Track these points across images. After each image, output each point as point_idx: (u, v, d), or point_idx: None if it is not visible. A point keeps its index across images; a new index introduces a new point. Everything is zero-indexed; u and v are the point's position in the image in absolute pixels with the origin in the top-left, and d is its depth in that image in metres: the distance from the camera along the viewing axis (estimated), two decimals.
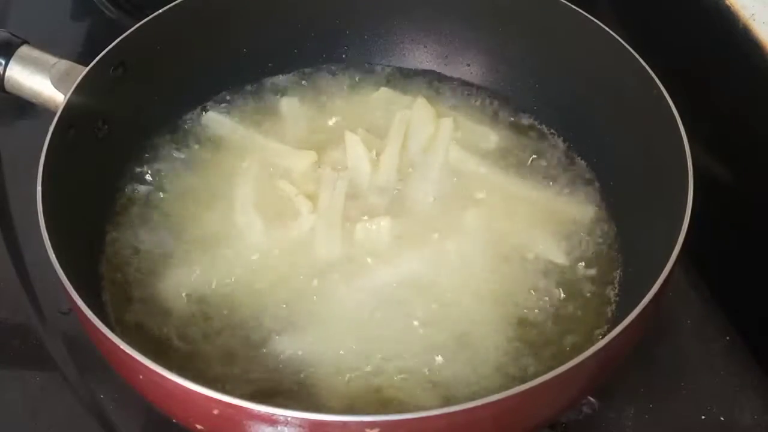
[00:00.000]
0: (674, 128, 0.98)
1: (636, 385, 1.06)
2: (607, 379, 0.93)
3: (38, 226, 0.91)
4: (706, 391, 1.06)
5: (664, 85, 1.02)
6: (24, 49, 1.09)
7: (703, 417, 1.04)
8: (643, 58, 1.05)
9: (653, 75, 1.03)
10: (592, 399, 1.03)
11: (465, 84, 1.25)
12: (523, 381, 0.80)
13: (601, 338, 0.86)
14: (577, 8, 1.12)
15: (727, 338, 1.10)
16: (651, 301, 0.86)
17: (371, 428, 0.78)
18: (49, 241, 0.90)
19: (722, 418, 1.04)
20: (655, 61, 1.05)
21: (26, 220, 0.98)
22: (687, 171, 0.95)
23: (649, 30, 1.25)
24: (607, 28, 1.10)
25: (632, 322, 0.85)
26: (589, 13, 1.12)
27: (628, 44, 1.07)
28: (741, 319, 1.11)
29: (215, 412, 0.81)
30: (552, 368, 0.81)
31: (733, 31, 1.12)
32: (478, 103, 1.23)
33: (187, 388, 0.80)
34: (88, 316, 0.86)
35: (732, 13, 1.12)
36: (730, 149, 1.16)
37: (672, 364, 1.08)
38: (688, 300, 1.13)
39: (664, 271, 0.88)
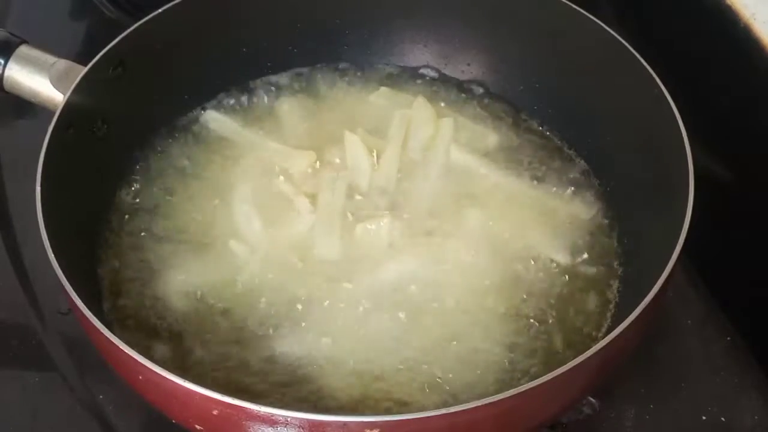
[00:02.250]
0: (675, 128, 0.98)
1: (636, 386, 1.06)
2: (607, 379, 0.93)
3: (37, 227, 0.91)
4: (707, 391, 1.06)
5: (664, 85, 1.02)
6: (23, 49, 1.09)
7: (703, 417, 1.04)
8: (643, 58, 1.05)
9: (654, 75, 1.03)
10: (592, 399, 1.03)
11: (465, 84, 1.25)
12: (524, 381, 0.80)
13: (602, 338, 0.86)
14: (577, 8, 1.12)
15: (728, 338, 1.11)
16: (652, 301, 0.86)
17: (371, 428, 0.78)
18: (48, 242, 0.90)
19: (723, 419, 1.04)
20: (655, 60, 1.04)
21: (26, 220, 0.98)
22: (688, 170, 0.95)
23: (650, 30, 1.25)
24: (607, 28, 1.09)
25: (633, 322, 0.85)
26: (590, 13, 1.11)
27: (628, 44, 1.07)
28: (741, 319, 1.11)
29: (215, 412, 0.81)
30: (552, 368, 0.81)
31: (733, 31, 1.12)
32: (478, 103, 1.23)
33: (186, 388, 0.80)
34: (88, 316, 0.86)
35: (733, 13, 1.12)
36: (730, 149, 1.16)
37: (672, 364, 1.08)
38: (688, 300, 1.14)
39: (665, 272, 0.88)
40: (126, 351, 0.83)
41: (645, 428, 1.04)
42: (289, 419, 0.79)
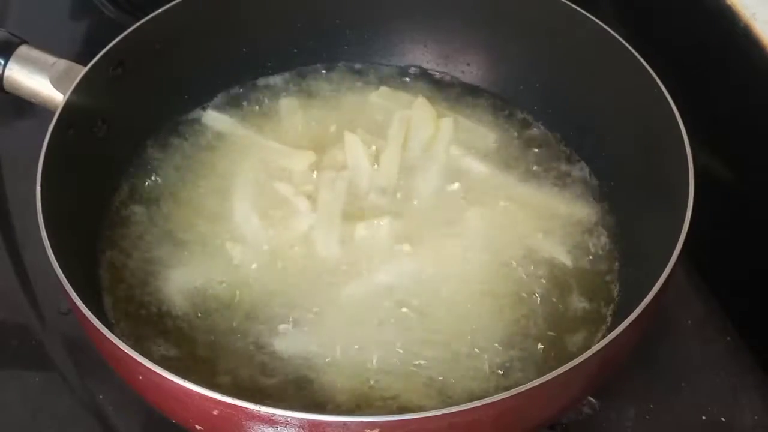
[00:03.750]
0: (675, 128, 0.98)
1: (636, 386, 1.06)
2: (607, 379, 0.93)
3: (37, 227, 0.91)
4: (706, 391, 1.06)
5: (664, 85, 1.02)
6: (23, 49, 1.09)
7: (703, 417, 1.04)
8: (643, 58, 1.05)
9: (654, 74, 1.03)
10: (592, 399, 1.03)
11: (465, 84, 1.24)
12: (524, 381, 0.80)
13: (602, 338, 0.86)
14: (577, 8, 1.12)
15: (728, 338, 1.10)
16: (651, 302, 0.86)
17: (371, 428, 0.78)
18: (48, 242, 0.90)
19: (722, 419, 1.04)
20: (655, 60, 1.04)
21: (26, 220, 0.98)
22: (688, 170, 0.95)
23: (650, 29, 1.25)
24: (607, 28, 1.09)
25: (633, 322, 0.85)
26: (590, 13, 1.11)
27: (629, 44, 1.07)
28: (741, 319, 1.11)
29: (215, 412, 0.81)
30: (552, 369, 0.81)
31: (733, 31, 1.11)
32: (478, 103, 1.22)
33: (186, 388, 0.80)
34: (88, 316, 0.86)
35: (733, 13, 1.11)
36: (730, 149, 1.16)
37: (672, 364, 1.08)
38: (688, 300, 1.13)
39: (665, 272, 0.87)
40: (126, 351, 0.83)
41: (645, 428, 1.04)
42: (289, 419, 0.79)
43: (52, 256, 0.89)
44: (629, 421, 1.04)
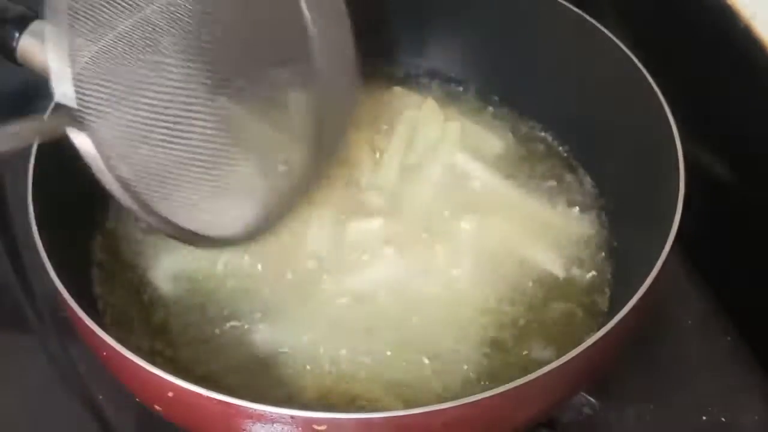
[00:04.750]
0: (666, 126, 0.99)
1: (636, 386, 1.06)
2: (597, 379, 0.93)
3: None
4: (707, 391, 1.06)
5: (662, 85, 1.02)
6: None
7: (703, 417, 1.04)
8: (643, 59, 1.05)
9: (651, 78, 1.03)
10: (592, 399, 1.03)
11: (477, 89, 1.25)
12: None
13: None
14: (577, 9, 1.12)
15: (728, 338, 1.10)
16: (639, 301, 0.86)
17: (363, 425, 0.80)
18: (39, 238, 0.91)
19: (723, 419, 1.04)
20: (655, 61, 1.04)
21: (25, 220, 0.98)
22: (679, 173, 0.95)
23: (650, 30, 1.24)
24: (606, 30, 1.09)
25: (623, 320, 0.85)
26: (592, 17, 1.11)
27: (628, 45, 1.07)
28: (742, 319, 1.11)
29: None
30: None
31: (733, 31, 1.11)
32: (486, 109, 1.23)
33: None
34: (74, 309, 0.87)
35: (733, 13, 1.11)
36: (729, 149, 1.16)
37: (672, 364, 1.08)
38: (689, 300, 1.13)
39: (651, 274, 0.88)
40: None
41: (645, 428, 1.04)
42: (274, 415, 0.79)
43: (44, 253, 0.90)
44: (629, 422, 1.04)
